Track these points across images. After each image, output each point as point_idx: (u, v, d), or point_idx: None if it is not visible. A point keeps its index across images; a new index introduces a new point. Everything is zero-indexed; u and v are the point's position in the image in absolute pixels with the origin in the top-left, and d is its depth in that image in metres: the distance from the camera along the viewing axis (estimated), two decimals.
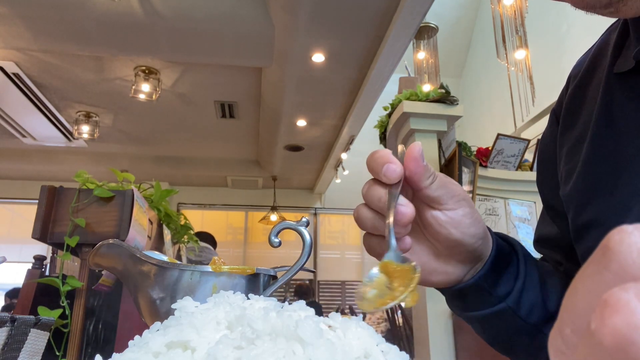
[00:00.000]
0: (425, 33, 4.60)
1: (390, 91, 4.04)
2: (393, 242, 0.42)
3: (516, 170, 3.36)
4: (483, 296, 0.51)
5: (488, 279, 0.50)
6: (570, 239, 0.55)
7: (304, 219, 0.56)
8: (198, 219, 7.15)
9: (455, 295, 0.52)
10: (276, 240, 0.54)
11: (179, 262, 0.53)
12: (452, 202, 0.45)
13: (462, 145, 2.99)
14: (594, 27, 0.57)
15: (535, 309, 0.52)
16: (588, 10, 0.42)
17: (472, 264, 0.50)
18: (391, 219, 0.42)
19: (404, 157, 0.44)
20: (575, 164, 0.52)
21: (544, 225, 0.64)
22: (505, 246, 0.53)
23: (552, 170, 0.58)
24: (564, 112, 0.57)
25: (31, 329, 0.84)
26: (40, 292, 1.12)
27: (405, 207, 0.43)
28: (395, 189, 0.43)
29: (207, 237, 3.27)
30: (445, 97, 3.04)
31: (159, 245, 1.44)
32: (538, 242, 0.65)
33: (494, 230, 0.58)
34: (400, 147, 0.46)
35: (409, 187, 0.45)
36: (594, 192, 0.48)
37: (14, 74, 4.13)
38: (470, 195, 3.04)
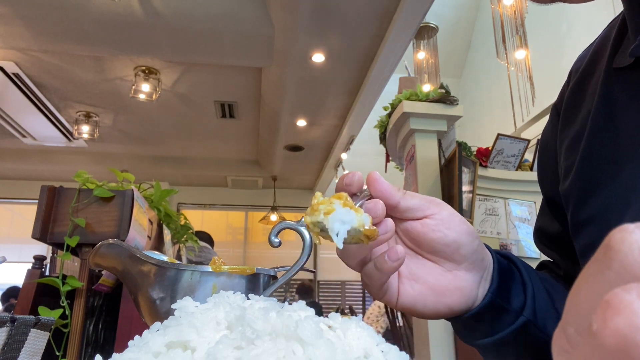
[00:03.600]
0: (425, 33, 4.60)
1: (390, 91, 4.04)
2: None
3: (516, 170, 3.36)
4: (501, 315, 0.48)
5: (501, 292, 0.48)
6: (569, 236, 0.54)
7: (304, 219, 0.56)
8: (198, 219, 7.16)
9: (472, 321, 0.49)
10: (276, 240, 0.54)
11: (178, 262, 0.53)
12: (432, 205, 0.44)
13: (462, 145, 2.99)
14: (594, 27, 0.57)
15: (548, 318, 0.49)
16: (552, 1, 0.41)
17: (480, 271, 0.47)
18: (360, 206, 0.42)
19: (367, 183, 0.44)
20: (574, 160, 0.51)
21: (544, 218, 0.63)
22: (500, 258, 0.51)
23: (553, 165, 0.58)
24: (564, 107, 0.57)
25: (31, 329, 0.84)
26: (40, 292, 1.12)
27: (373, 202, 0.42)
28: (359, 199, 0.43)
29: (204, 236, 3.27)
30: (445, 97, 3.04)
31: (159, 245, 1.44)
32: (537, 234, 0.65)
33: (494, 230, 0.57)
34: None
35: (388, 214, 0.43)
36: (592, 188, 0.48)
37: (14, 74, 4.13)
38: (470, 195, 3.04)
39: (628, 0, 0.47)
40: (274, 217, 6.81)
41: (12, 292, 4.29)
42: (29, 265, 1.21)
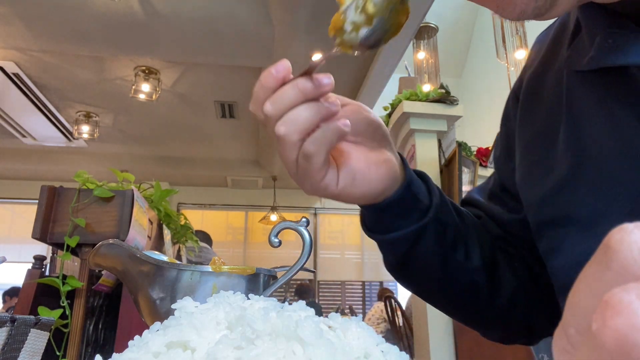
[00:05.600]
0: (425, 33, 4.60)
1: (390, 91, 4.04)
2: None
3: None
4: (410, 207, 0.52)
5: (413, 183, 0.52)
6: (514, 223, 0.58)
7: (304, 219, 0.56)
8: (198, 219, 7.15)
9: (384, 209, 0.52)
10: (276, 240, 0.54)
11: (178, 262, 0.53)
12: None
13: (462, 145, 2.99)
14: None
15: (450, 229, 0.54)
16: (520, 19, 0.41)
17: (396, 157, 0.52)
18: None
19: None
20: (538, 158, 0.51)
21: (489, 199, 0.64)
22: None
23: (512, 152, 0.58)
24: (523, 95, 0.56)
25: (31, 329, 0.84)
26: (40, 292, 1.12)
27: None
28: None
29: (202, 235, 3.27)
30: (445, 97, 3.04)
31: (159, 245, 1.44)
32: (467, 202, 0.66)
33: None
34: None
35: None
36: (554, 191, 0.48)
37: (14, 74, 4.13)
38: None
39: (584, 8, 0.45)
40: (274, 217, 6.81)
41: (15, 292, 4.30)
42: (29, 265, 1.21)
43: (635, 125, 0.41)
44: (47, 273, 1.38)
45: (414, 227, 0.52)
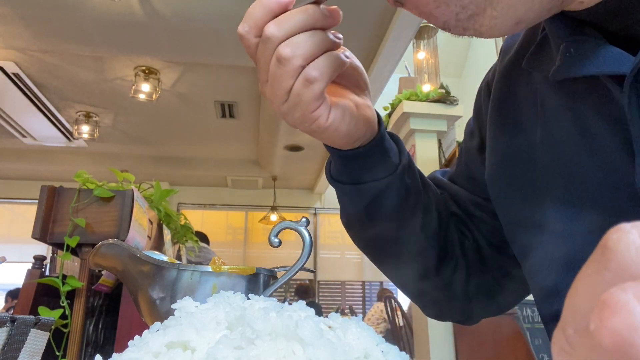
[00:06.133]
0: (425, 33, 4.60)
1: (390, 91, 4.04)
2: None
3: None
4: (379, 161, 0.53)
5: (385, 139, 0.53)
6: (471, 202, 0.60)
7: (304, 219, 0.56)
8: (198, 219, 7.15)
9: (355, 157, 0.52)
10: (276, 240, 0.54)
11: (178, 262, 0.53)
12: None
13: None
14: None
15: (412, 194, 0.55)
16: (446, 29, 0.40)
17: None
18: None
19: None
20: (504, 157, 0.52)
21: (451, 181, 0.66)
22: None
23: (483, 145, 0.58)
24: (495, 89, 0.56)
25: (31, 329, 0.84)
26: (40, 292, 1.12)
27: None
28: None
29: (199, 236, 3.27)
30: (445, 97, 3.04)
31: (159, 245, 1.44)
32: (430, 179, 0.67)
33: None
34: None
35: None
36: (528, 193, 0.49)
37: (14, 74, 4.13)
38: None
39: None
40: (274, 217, 6.81)
41: (17, 293, 4.31)
42: (29, 265, 1.21)
43: (604, 128, 0.40)
44: (47, 273, 1.38)
45: (379, 182, 0.53)
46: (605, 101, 0.40)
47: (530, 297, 0.69)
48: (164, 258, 0.52)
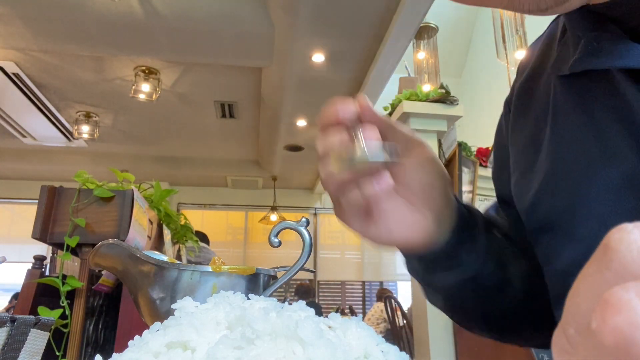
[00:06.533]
0: (425, 33, 4.60)
1: (390, 91, 4.03)
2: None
3: None
4: (450, 264, 0.50)
5: (459, 238, 0.49)
6: (517, 234, 0.56)
7: (304, 219, 0.56)
8: (198, 219, 7.15)
9: (421, 258, 0.50)
10: (276, 240, 0.54)
11: (178, 262, 0.53)
12: (415, 144, 0.46)
13: (462, 145, 2.99)
14: None
15: (490, 280, 0.52)
16: (524, 12, 0.41)
17: (443, 216, 0.48)
18: (362, 142, 0.40)
19: (359, 106, 0.43)
20: (528, 164, 0.52)
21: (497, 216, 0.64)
22: (464, 211, 0.52)
23: (507, 163, 0.58)
24: (514, 105, 0.56)
25: (31, 329, 0.84)
26: (40, 292, 1.12)
27: (369, 126, 0.41)
28: (354, 126, 0.42)
29: (199, 236, 3.27)
30: (445, 97, 3.04)
31: (159, 245, 1.44)
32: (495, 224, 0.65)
33: None
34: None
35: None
36: (546, 197, 0.48)
37: (14, 74, 4.13)
38: (471, 195, 3.04)
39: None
40: (274, 217, 6.81)
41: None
42: (29, 265, 1.21)
43: (614, 127, 0.40)
44: (47, 273, 1.38)
45: (451, 281, 0.50)
46: (619, 99, 0.40)
47: None
48: (164, 258, 0.52)
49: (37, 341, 0.86)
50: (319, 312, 0.40)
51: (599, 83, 0.42)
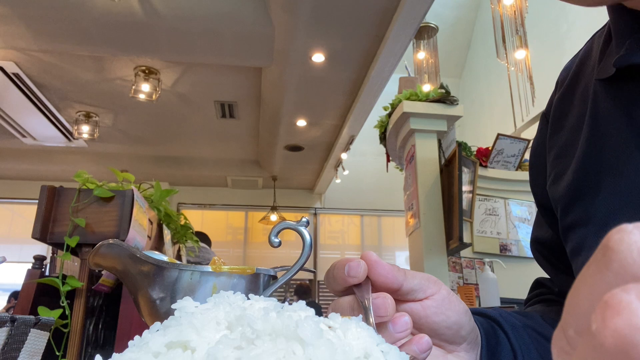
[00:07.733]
0: (425, 33, 4.60)
1: (390, 91, 4.04)
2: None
3: (516, 170, 3.37)
4: None
5: None
6: (561, 243, 0.55)
7: (304, 219, 0.56)
8: (198, 219, 7.16)
9: None
10: (276, 240, 0.54)
11: (178, 262, 0.53)
12: (431, 284, 0.43)
13: (462, 145, 2.99)
14: (594, 27, 0.57)
15: None
16: (597, 5, 0.43)
17: (475, 348, 0.46)
18: (371, 319, 0.38)
19: (367, 265, 0.41)
20: (563, 167, 0.53)
21: (538, 227, 0.65)
22: (486, 325, 0.50)
23: (544, 172, 0.60)
24: (552, 116, 0.58)
25: (31, 329, 0.84)
26: (40, 292, 1.12)
27: (381, 299, 0.39)
28: (364, 293, 0.40)
29: (201, 237, 3.27)
30: (445, 97, 3.04)
31: (159, 245, 1.44)
32: (533, 244, 0.67)
33: (494, 230, 0.58)
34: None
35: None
36: (579, 194, 0.50)
37: (14, 74, 4.13)
38: (470, 195, 3.04)
39: (614, 12, 0.48)
40: (274, 217, 6.81)
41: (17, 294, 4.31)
42: (29, 265, 1.21)
43: None
44: (47, 273, 1.38)
45: None
46: None
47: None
48: (164, 258, 0.52)
49: (37, 341, 0.86)
50: (319, 312, 0.39)
51: (638, 84, 0.43)
